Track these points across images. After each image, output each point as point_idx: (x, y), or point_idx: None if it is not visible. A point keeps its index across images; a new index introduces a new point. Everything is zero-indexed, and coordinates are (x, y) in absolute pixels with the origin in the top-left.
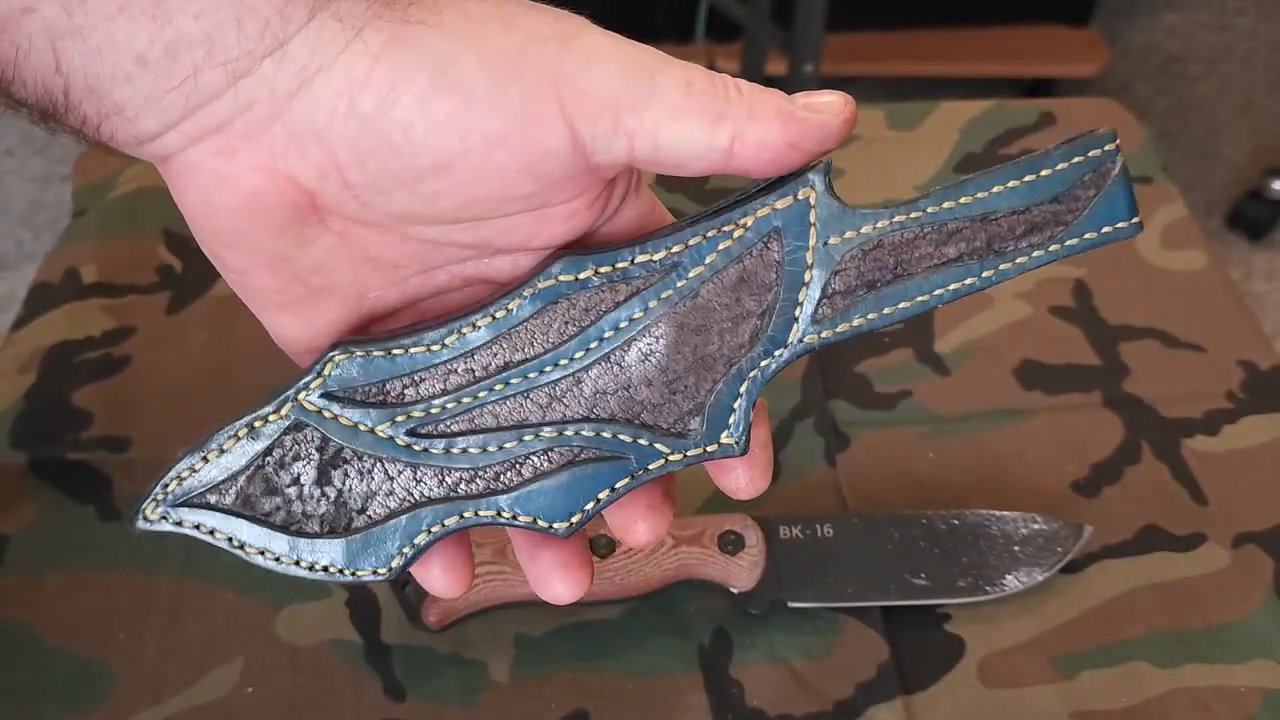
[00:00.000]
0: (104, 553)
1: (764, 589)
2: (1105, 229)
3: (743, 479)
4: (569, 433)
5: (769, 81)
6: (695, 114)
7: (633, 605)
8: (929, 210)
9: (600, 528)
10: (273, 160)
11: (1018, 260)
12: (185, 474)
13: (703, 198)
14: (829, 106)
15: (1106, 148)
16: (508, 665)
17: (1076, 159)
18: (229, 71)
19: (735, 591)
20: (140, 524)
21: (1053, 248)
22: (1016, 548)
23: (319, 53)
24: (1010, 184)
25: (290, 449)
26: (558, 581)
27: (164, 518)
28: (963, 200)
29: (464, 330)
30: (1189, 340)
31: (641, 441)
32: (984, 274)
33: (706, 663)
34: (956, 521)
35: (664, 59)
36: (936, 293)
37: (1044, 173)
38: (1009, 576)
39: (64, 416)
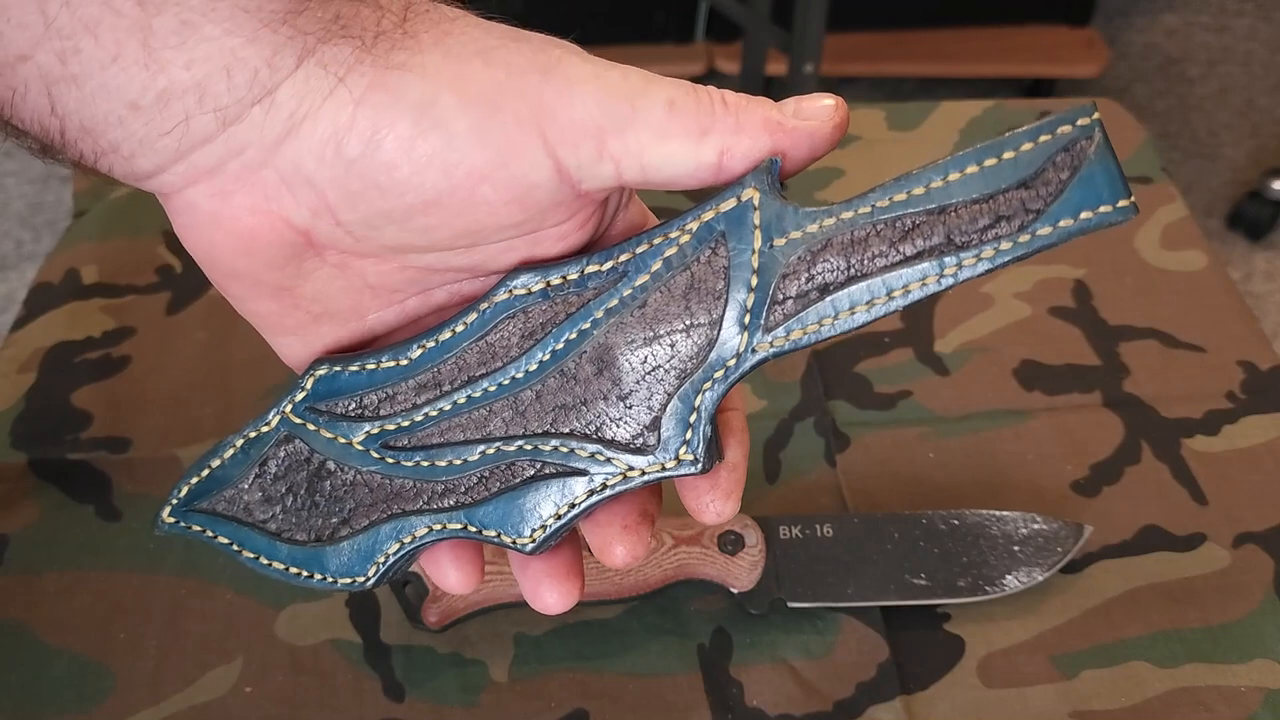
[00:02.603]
0: (104, 553)
1: (764, 589)
2: (1085, 214)
3: (707, 500)
4: (530, 447)
5: (769, 82)
6: (680, 132)
7: (633, 605)
8: (878, 205)
9: None
10: (266, 202)
11: (984, 254)
12: (195, 480)
13: (698, 194)
14: (819, 112)
15: (1080, 122)
16: (508, 665)
17: (1044, 137)
18: (219, 118)
19: (735, 591)
20: (160, 528)
21: (1022, 239)
22: (1016, 548)
23: (305, 100)
24: (968, 170)
25: (283, 461)
26: (547, 592)
27: (178, 521)
28: (915, 192)
29: (427, 344)
30: (1189, 341)
31: (600, 456)
32: (946, 272)
33: (706, 663)
34: (956, 521)
35: (647, 79)
36: (896, 295)
37: (1006, 155)
38: (1009, 576)
39: (64, 416)
